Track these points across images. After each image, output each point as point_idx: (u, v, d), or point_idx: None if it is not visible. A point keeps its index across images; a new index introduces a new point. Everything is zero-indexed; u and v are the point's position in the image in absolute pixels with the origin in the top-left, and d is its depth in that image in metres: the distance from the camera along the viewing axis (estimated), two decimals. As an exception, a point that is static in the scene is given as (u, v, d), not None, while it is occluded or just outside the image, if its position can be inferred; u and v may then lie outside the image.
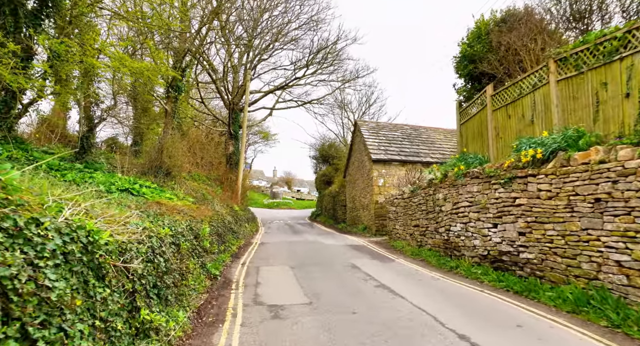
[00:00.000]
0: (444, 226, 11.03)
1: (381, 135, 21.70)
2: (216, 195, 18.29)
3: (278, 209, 55.76)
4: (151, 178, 13.86)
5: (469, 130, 11.73)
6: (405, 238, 14.42)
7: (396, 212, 15.33)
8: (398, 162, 19.67)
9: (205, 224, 9.97)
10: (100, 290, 3.59)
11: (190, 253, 7.71)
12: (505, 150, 9.64)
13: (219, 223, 12.02)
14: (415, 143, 21.59)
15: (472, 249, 9.49)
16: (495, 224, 8.58)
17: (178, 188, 14.49)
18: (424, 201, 12.63)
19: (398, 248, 14.05)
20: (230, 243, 13.26)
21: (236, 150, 24.89)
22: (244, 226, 18.75)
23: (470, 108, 11.66)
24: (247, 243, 15.99)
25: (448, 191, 10.86)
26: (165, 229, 6.02)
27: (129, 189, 10.03)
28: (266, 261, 11.77)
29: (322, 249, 14.38)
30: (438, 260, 10.76)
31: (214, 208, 13.22)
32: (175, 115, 18.18)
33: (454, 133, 24.04)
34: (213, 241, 10.44)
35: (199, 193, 16.34)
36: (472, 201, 9.46)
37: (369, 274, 9.49)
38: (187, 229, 8.18)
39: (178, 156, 16.13)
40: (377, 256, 12.67)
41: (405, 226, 14.42)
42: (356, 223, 22.66)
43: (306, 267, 10.58)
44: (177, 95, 18.03)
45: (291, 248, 14.58)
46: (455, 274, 9.42)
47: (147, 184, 12.15)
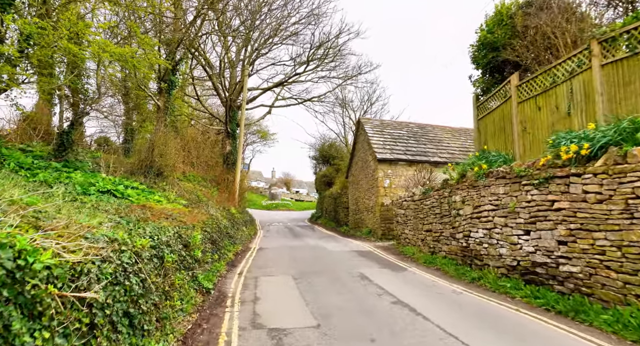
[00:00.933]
0: (462, 231, 9.96)
1: (386, 134, 20.64)
2: (212, 197, 17.21)
3: (277, 211, 54.65)
4: (140, 179, 12.81)
5: (488, 126, 10.67)
6: (415, 243, 13.35)
7: (405, 215, 14.26)
8: (405, 161, 18.61)
9: (197, 231, 8.89)
10: (28, 339, 2.51)
11: (177, 267, 6.62)
12: (534, 147, 8.58)
13: (214, 229, 10.95)
14: (422, 142, 20.54)
15: (497, 258, 8.42)
16: (527, 231, 7.52)
17: (170, 189, 13.42)
18: (438, 204, 11.57)
19: (408, 254, 12.98)
20: (226, 250, 12.18)
21: (233, 150, 23.80)
22: (241, 230, 17.67)
23: (489, 101, 10.62)
24: (244, 249, 14.90)
25: (467, 193, 9.80)
26: (144, 240, 4.93)
27: (112, 191, 8.94)
28: (265, 270, 10.69)
29: (326, 255, 13.30)
30: (456, 270, 9.69)
31: (208, 212, 12.14)
32: (168, 111, 17.10)
33: (462, 132, 23.00)
34: (206, 249, 9.36)
35: (193, 195, 15.27)
36: (498, 204, 8.39)
37: (381, 287, 8.41)
38: (175, 237, 7.10)
39: (170, 155, 15.06)
40: (386, 264, 11.60)
41: (415, 230, 13.35)
42: (359, 227, 21.58)
43: (310, 277, 9.51)
44: (170, 90, 16.95)
45: (292, 254, 13.50)
46: (478, 287, 8.35)
47: (135, 185, 11.08)
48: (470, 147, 21.08)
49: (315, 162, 42.69)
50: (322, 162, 41.24)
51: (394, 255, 13.43)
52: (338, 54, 23.93)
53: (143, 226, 6.34)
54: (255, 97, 25.79)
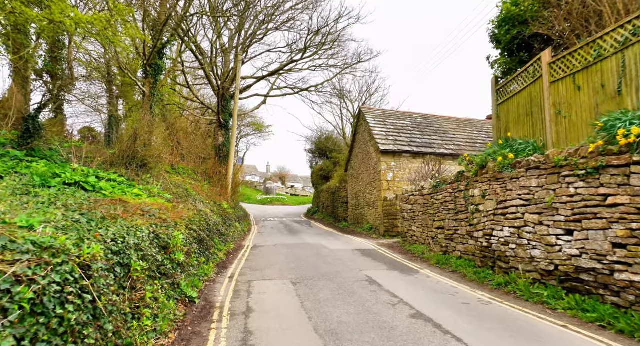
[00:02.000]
0: (483, 230, 8.81)
1: (389, 124, 19.44)
2: (202, 191, 15.96)
3: (272, 205, 53.43)
4: (121, 171, 11.55)
5: (510, 111, 9.49)
6: (425, 242, 12.21)
7: (412, 211, 13.10)
8: (409, 153, 17.44)
9: (181, 229, 7.67)
10: None
11: (151, 275, 5.41)
12: (572, 133, 7.41)
13: (202, 226, 9.73)
14: (426, 133, 19.36)
15: (528, 261, 7.27)
16: (569, 230, 6.36)
17: (154, 182, 12.17)
18: (452, 198, 10.41)
19: (417, 254, 11.84)
20: (216, 249, 10.97)
21: (226, 141, 22.51)
22: (234, 226, 16.46)
23: (512, 83, 9.44)
24: (237, 247, 13.70)
25: (488, 186, 8.64)
26: (95, 246, 3.71)
27: (81, 183, 7.69)
28: (260, 272, 9.50)
29: (327, 255, 12.13)
30: (476, 273, 8.56)
31: (196, 207, 10.92)
32: (155, 98, 15.78)
33: (467, 123, 21.86)
34: (192, 251, 8.14)
35: (181, 188, 14.01)
36: (530, 199, 7.23)
37: (394, 294, 7.25)
38: (150, 239, 5.89)
39: (156, 145, 13.79)
40: (395, 265, 10.45)
41: (424, 228, 12.20)
42: (360, 222, 20.43)
43: (311, 282, 8.34)
44: (157, 76, 15.63)
45: (289, 254, 12.32)
46: (506, 294, 7.21)
47: (113, 177, 9.83)
48: (478, 139, 19.96)
49: (311, 156, 41.50)
50: (319, 155, 40.05)
51: (401, 254, 12.28)
52: (337, 40, 22.64)
53: (108, 226, 5.12)
54: (249, 85, 24.46)
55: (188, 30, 18.40)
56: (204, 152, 23.02)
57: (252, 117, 39.17)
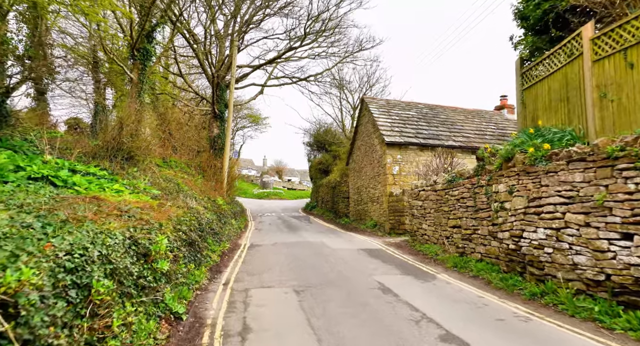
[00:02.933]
0: (509, 230, 7.81)
1: (393, 115, 18.36)
2: (195, 186, 14.89)
3: (268, 199, 52.34)
4: (104, 164, 10.49)
5: (539, 97, 8.45)
6: (437, 241, 11.21)
7: (423, 208, 12.09)
8: (416, 145, 16.39)
9: (167, 231, 6.61)
10: None
11: (124, 292, 4.37)
12: (621, 118, 6.38)
13: (193, 227, 8.67)
14: (433, 124, 18.30)
15: (569, 269, 6.27)
16: (627, 234, 5.35)
17: (141, 176, 11.09)
18: (471, 194, 9.40)
19: (429, 255, 10.84)
20: (209, 251, 9.94)
21: (222, 133, 21.39)
22: (229, 223, 15.41)
23: (541, 65, 8.38)
24: (233, 247, 12.67)
25: (517, 181, 7.62)
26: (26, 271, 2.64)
27: (50, 177, 6.61)
28: (258, 277, 8.49)
29: (330, 255, 11.12)
30: (503, 280, 7.56)
31: (186, 204, 9.85)
32: (144, 86, 14.66)
33: (475, 114, 20.83)
34: (180, 256, 7.09)
35: (172, 183, 12.93)
36: (572, 196, 6.22)
37: (414, 307, 6.25)
38: (125, 247, 4.83)
39: (144, 136, 12.69)
40: (407, 268, 9.45)
41: (437, 226, 11.20)
42: (363, 219, 19.42)
43: (316, 290, 7.33)
44: (145, 61, 14.50)
45: (289, 255, 11.31)
46: (544, 307, 6.22)
47: (93, 171, 8.76)
48: (487, 130, 18.93)
49: (309, 149, 40.34)
50: (317, 148, 38.92)
51: (411, 254, 11.28)
52: (338, 26, 21.46)
53: (68, 232, 4.07)
54: (246, 74, 23.28)
55: (180, 14, 17.21)
56: (198, 144, 21.91)
57: (249, 109, 37.96)
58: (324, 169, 33.14)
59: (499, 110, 22.02)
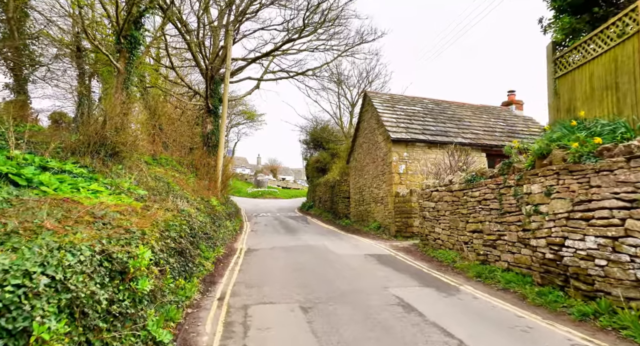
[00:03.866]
0: (546, 237, 6.83)
1: (398, 110, 17.36)
2: (187, 185, 13.80)
3: (263, 199, 51.23)
4: (86, 160, 9.40)
5: (578, 85, 7.48)
6: (453, 247, 10.23)
7: (436, 210, 11.09)
8: (423, 142, 15.40)
9: (151, 240, 5.54)
10: None
11: (83, 333, 3.30)
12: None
13: (183, 232, 7.60)
14: (440, 120, 17.33)
15: (630, 285, 5.30)
16: None
17: (126, 175, 10.00)
18: (495, 196, 8.41)
19: (445, 262, 9.86)
20: (202, 259, 8.88)
21: (216, 129, 20.27)
22: (224, 225, 14.33)
23: (580, 49, 7.40)
24: (228, 252, 11.61)
25: (556, 181, 6.64)
26: None
27: (10, 175, 5.52)
28: (258, 290, 7.45)
29: (336, 262, 10.11)
30: (541, 295, 6.58)
31: (176, 207, 8.77)
32: (131, 76, 13.54)
33: (482, 110, 19.89)
34: (167, 269, 6.02)
35: (162, 182, 11.85)
36: (636, 199, 5.24)
37: (446, 330, 5.24)
38: (94, 265, 3.77)
39: (131, 130, 11.58)
40: (424, 278, 8.45)
41: (453, 230, 10.21)
42: (365, 220, 18.40)
43: (326, 307, 6.31)
44: (133, 50, 13.36)
45: (291, 261, 10.28)
46: (602, 331, 5.23)
47: (69, 168, 7.66)
48: (496, 127, 18.00)
49: (305, 147, 39.29)
50: (314, 146, 37.90)
51: (425, 261, 10.29)
52: (339, 17, 20.38)
53: (12, 248, 3.00)
54: (241, 67, 22.15)
55: (171, 2, 16.06)
56: (190, 141, 20.79)
57: (244, 105, 36.82)
58: (322, 168, 32.13)
59: (506, 106, 21.10)
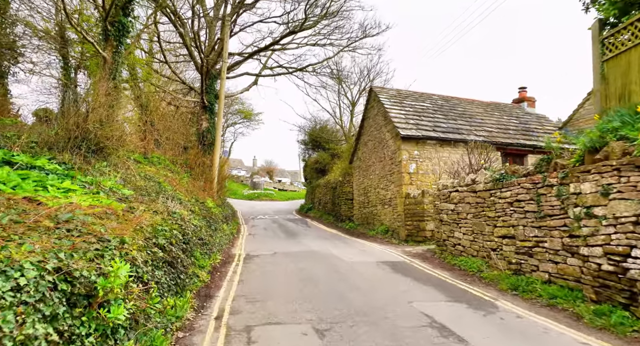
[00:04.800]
0: (603, 245, 5.79)
1: (406, 106, 16.33)
2: (181, 186, 12.67)
3: (259, 201, 50.06)
4: (65, 156, 8.28)
5: (633, 67, 6.46)
6: (477, 254, 9.17)
7: (456, 212, 10.05)
8: (435, 140, 14.37)
9: (131, 251, 4.44)
10: None
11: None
12: None
13: (174, 238, 6.49)
14: (450, 117, 16.31)
15: None
16: None
17: (111, 173, 8.89)
18: (532, 196, 7.37)
19: (469, 271, 8.80)
20: (196, 268, 7.77)
21: (211, 127, 19.15)
22: (220, 229, 13.22)
23: (636, 27, 6.38)
24: (225, 259, 10.51)
25: (617, 178, 5.61)
26: None
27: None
28: (262, 306, 6.37)
29: (346, 271, 9.05)
30: (601, 315, 5.52)
31: (167, 209, 7.66)
32: (119, 67, 12.44)
33: (493, 107, 18.92)
34: (154, 285, 4.91)
35: (152, 182, 10.75)
36: None
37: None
38: (38, 291, 2.67)
39: (118, 125, 10.47)
40: (451, 290, 7.39)
41: (477, 235, 9.16)
42: (370, 223, 17.32)
43: (345, 330, 5.25)
44: (121, 38, 12.26)
45: (296, 270, 9.20)
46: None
47: (39, 164, 6.57)
48: (509, 124, 17.02)
49: (303, 147, 38.22)
50: (312, 147, 36.83)
51: (445, 269, 9.23)
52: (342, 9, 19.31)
53: None
54: (238, 62, 21.04)
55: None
56: (184, 139, 19.63)
57: (241, 104, 35.69)
58: (321, 168, 31.08)
59: (517, 103, 20.14)
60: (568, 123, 17.22)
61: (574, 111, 16.83)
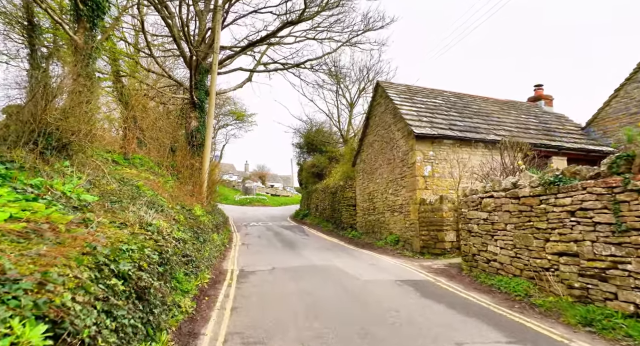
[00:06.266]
0: None
1: (418, 102, 14.80)
2: (163, 190, 10.97)
3: (252, 206, 48.31)
4: (17, 153, 6.63)
5: None
6: (520, 273, 7.59)
7: (490, 221, 8.48)
8: (452, 139, 12.85)
9: (60, 297, 2.77)
10: None
11: None
12: None
13: (145, 261, 4.81)
14: (465, 115, 14.82)
15: None
16: None
17: (74, 174, 7.20)
18: (606, 204, 5.83)
19: (513, 294, 7.22)
20: (178, 294, 6.11)
21: (201, 126, 17.46)
22: (210, 239, 11.52)
23: None
24: (215, 277, 8.84)
25: None
26: None
27: None
28: (263, 353, 4.74)
29: (362, 294, 7.43)
30: None
31: (140, 220, 5.98)
32: (92, 54, 10.78)
33: (510, 105, 17.52)
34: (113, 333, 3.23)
35: (129, 186, 9.05)
36: None
37: None
38: None
39: (88, 118, 8.78)
40: (502, 324, 5.79)
41: (520, 250, 7.58)
42: (377, 232, 15.70)
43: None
44: (95, 19, 10.60)
45: (300, 292, 7.55)
46: None
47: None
48: (529, 124, 15.60)
49: (299, 150, 36.54)
50: (308, 150, 35.21)
51: (483, 292, 7.64)
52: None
53: None
54: (231, 56, 19.39)
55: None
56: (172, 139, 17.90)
57: (233, 104, 33.97)
58: (318, 172, 29.46)
59: (533, 101, 18.75)
60: (592, 123, 15.85)
61: (599, 110, 15.49)
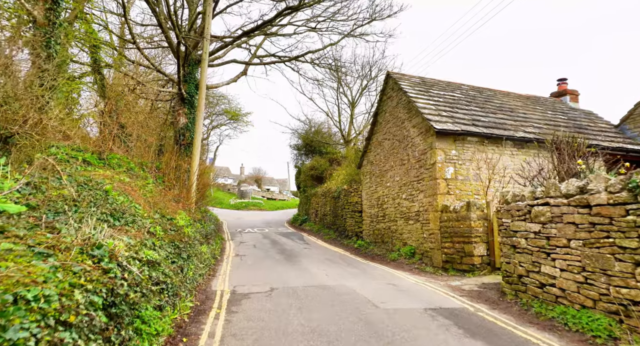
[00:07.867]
0: None
1: (434, 95, 13.12)
2: (139, 196, 9.18)
3: (247, 210, 46.55)
4: None
5: None
6: (592, 304, 5.86)
7: (544, 235, 6.77)
8: (477, 137, 11.17)
9: None
10: None
11: None
12: None
13: (74, 312, 3.08)
14: (488, 110, 13.15)
15: None
16: None
17: (9, 176, 5.43)
18: None
19: (590, 334, 5.50)
20: (142, 338, 4.34)
21: (191, 123, 15.71)
22: (196, 253, 9.74)
23: None
24: (199, 306, 7.08)
25: None
26: None
27: None
28: None
29: (387, 330, 5.69)
30: None
31: (85, 241, 4.22)
32: (55, 32, 9.08)
33: (533, 100, 15.88)
34: None
35: (92, 191, 7.25)
36: None
37: None
38: None
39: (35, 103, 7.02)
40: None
41: (594, 274, 5.86)
42: (387, 242, 13.95)
43: None
44: (59, -10, 8.87)
45: (309, 329, 5.78)
46: None
47: None
48: (557, 120, 13.97)
49: (296, 152, 34.84)
50: (306, 152, 33.53)
51: (543, 328, 5.92)
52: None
53: None
54: (223, 47, 17.66)
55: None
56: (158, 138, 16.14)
57: (227, 103, 32.23)
58: (318, 176, 27.73)
59: (557, 96, 17.16)
60: (627, 120, 14.25)
61: (636, 105, 13.91)
